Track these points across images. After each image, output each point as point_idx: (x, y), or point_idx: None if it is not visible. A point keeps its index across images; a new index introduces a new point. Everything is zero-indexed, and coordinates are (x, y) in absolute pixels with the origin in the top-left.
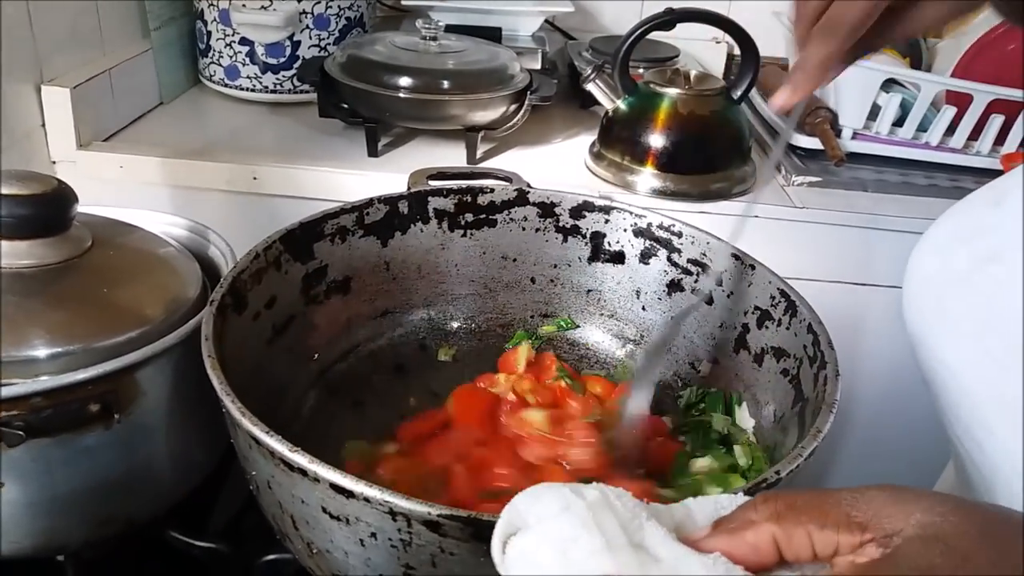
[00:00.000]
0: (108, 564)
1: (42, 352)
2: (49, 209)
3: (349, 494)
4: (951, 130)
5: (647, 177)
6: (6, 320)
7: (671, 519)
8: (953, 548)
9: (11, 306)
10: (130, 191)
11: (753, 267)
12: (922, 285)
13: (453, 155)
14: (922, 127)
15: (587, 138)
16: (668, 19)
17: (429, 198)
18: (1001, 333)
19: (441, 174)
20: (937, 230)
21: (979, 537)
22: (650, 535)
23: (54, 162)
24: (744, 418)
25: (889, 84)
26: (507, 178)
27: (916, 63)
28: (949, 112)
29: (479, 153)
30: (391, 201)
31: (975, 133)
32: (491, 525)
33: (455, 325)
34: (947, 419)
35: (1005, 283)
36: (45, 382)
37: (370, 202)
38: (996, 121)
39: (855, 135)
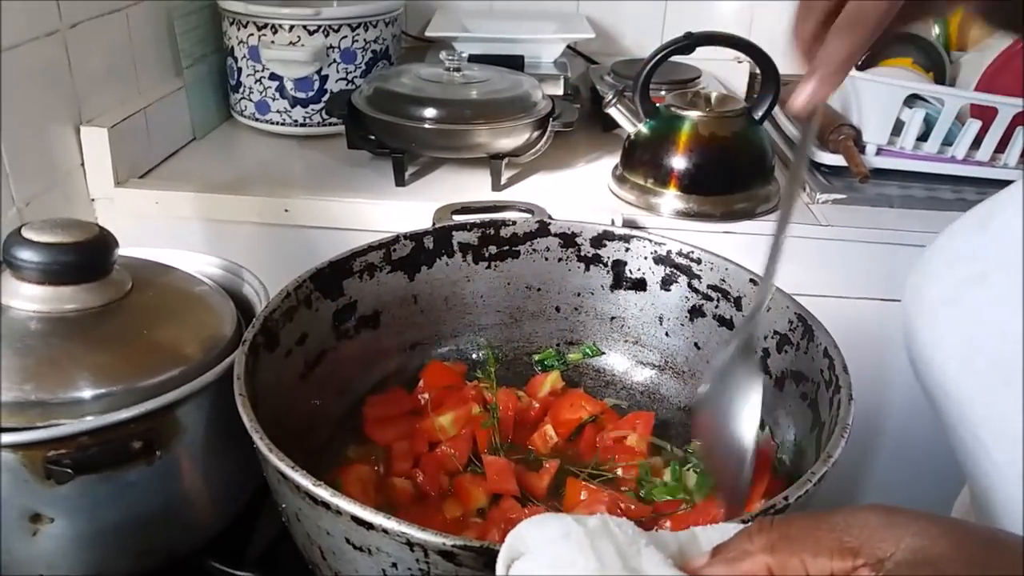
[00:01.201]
0: None
1: (87, 393)
2: (92, 255)
3: (369, 526)
4: (977, 143)
5: (670, 199)
6: (53, 364)
7: (675, 545)
8: (941, 573)
9: (57, 349)
10: (166, 225)
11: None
12: (917, 308)
13: (478, 182)
14: (947, 141)
15: (610, 161)
16: (687, 43)
17: (453, 232)
18: (989, 352)
19: (465, 208)
20: (929, 254)
21: (968, 562)
22: (647, 562)
23: (93, 199)
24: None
25: (912, 99)
26: (529, 210)
27: (939, 77)
28: (974, 126)
29: (504, 179)
30: (417, 237)
31: (1001, 146)
32: None
33: (482, 354)
34: (948, 437)
35: (992, 303)
36: (91, 422)
37: (396, 239)
38: (1023, 133)
39: (879, 151)
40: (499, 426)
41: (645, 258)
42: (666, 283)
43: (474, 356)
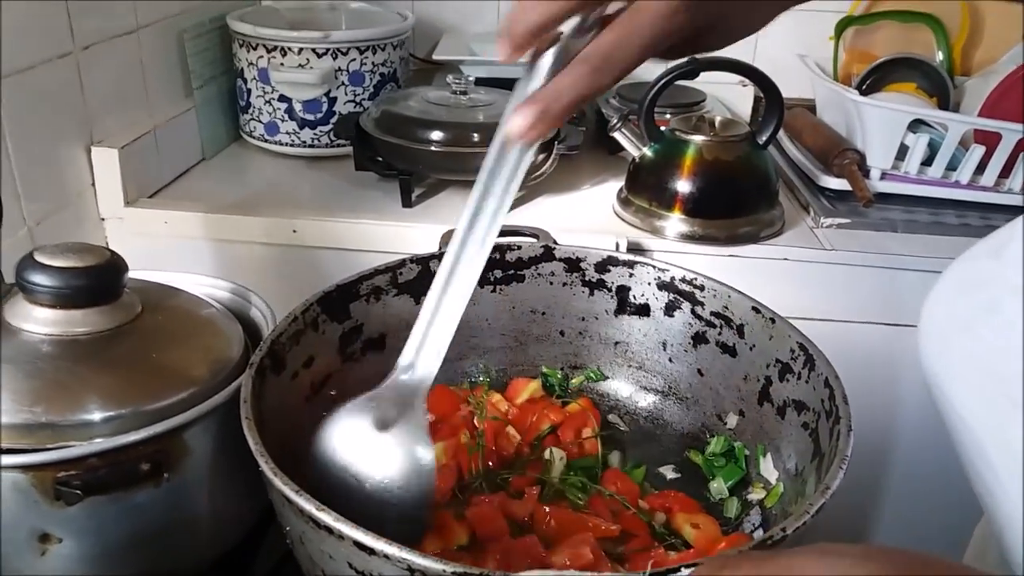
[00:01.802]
0: None
1: (97, 416)
2: (103, 280)
3: (371, 551)
4: (981, 168)
5: (675, 222)
6: (63, 386)
7: None
8: None
9: (68, 373)
10: (175, 245)
11: (773, 320)
12: (932, 333)
13: None
14: (951, 166)
15: (615, 184)
16: (691, 68)
17: None
18: (1001, 380)
19: None
20: (944, 280)
21: None
22: None
23: (103, 219)
24: (768, 470)
25: (916, 124)
26: (534, 234)
27: (943, 103)
28: (978, 151)
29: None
30: (423, 261)
31: (1006, 171)
32: None
33: (487, 377)
34: (963, 465)
35: (1004, 331)
36: (100, 444)
37: (403, 262)
38: None
39: (884, 175)
40: (484, 454)
41: (649, 284)
42: (670, 309)
43: (480, 379)
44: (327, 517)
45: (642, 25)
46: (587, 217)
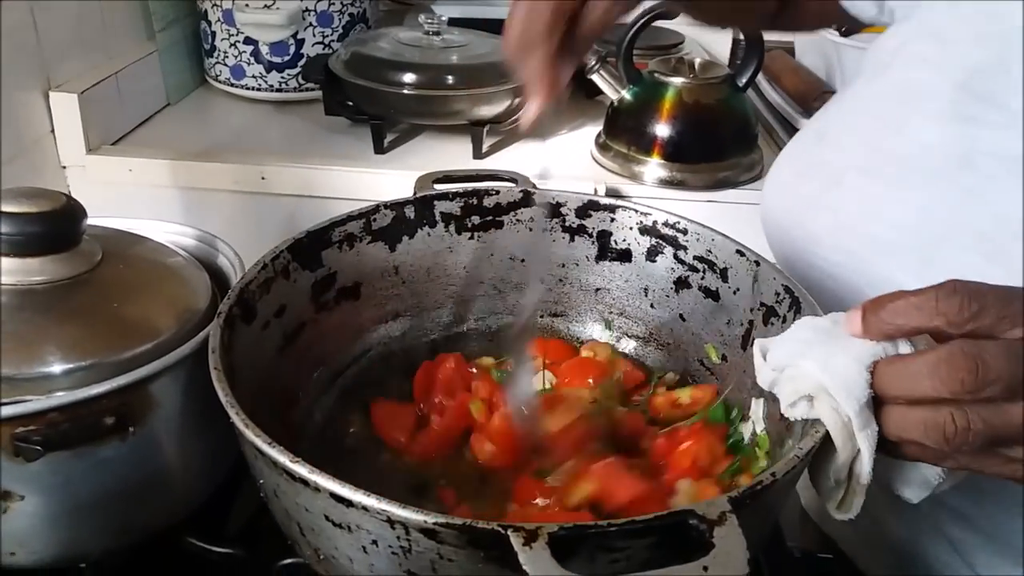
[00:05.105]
0: (127, 571)
1: (57, 368)
2: (59, 225)
3: (348, 503)
4: None
5: (653, 167)
6: (20, 338)
7: None
8: None
9: (25, 323)
10: (140, 193)
11: (758, 263)
12: (776, 220)
13: (460, 149)
14: None
15: (593, 129)
16: (669, 9)
17: (435, 202)
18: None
19: (447, 177)
20: (778, 170)
21: None
22: None
23: (64, 167)
24: (759, 415)
25: None
26: (512, 179)
27: None
28: None
29: (485, 147)
30: (397, 206)
31: None
32: (485, 533)
33: (466, 327)
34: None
35: (845, 204)
36: (61, 398)
37: (376, 208)
38: None
39: None
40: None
41: (631, 228)
42: (651, 254)
43: (458, 328)
44: (302, 469)
45: None
46: (565, 162)
